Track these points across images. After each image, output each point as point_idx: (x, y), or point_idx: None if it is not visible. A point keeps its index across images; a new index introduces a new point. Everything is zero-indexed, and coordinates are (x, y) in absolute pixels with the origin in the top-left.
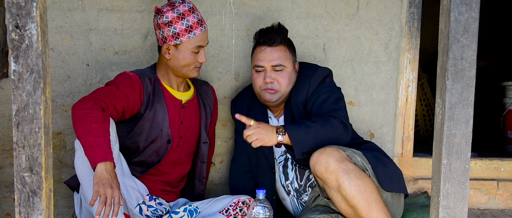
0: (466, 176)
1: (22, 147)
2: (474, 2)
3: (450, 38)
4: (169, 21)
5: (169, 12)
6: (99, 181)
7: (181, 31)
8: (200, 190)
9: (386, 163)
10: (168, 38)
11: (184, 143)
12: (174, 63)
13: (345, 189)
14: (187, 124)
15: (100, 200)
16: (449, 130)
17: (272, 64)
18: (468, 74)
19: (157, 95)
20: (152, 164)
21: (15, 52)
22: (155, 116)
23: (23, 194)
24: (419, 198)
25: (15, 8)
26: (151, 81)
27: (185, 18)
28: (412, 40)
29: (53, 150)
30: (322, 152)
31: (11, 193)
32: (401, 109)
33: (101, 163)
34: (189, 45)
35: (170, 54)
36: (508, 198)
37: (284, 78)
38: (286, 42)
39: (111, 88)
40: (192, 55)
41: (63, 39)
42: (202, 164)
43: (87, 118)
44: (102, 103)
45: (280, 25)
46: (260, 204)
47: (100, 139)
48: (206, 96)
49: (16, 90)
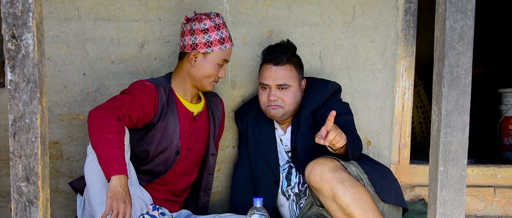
0: (463, 183)
1: (18, 157)
2: (469, 10)
3: (446, 46)
4: (206, 29)
5: (207, 20)
6: (113, 195)
7: (214, 40)
8: (204, 202)
9: (385, 174)
10: (200, 45)
11: (192, 154)
12: (197, 72)
13: (340, 197)
14: (196, 136)
15: (113, 214)
16: (446, 137)
17: (277, 83)
18: (464, 81)
19: (171, 106)
20: (159, 173)
21: (11, 62)
22: (167, 127)
23: (19, 204)
24: (416, 205)
25: (12, 18)
26: (165, 92)
27: (220, 29)
28: (408, 47)
29: (50, 160)
30: (316, 162)
31: (8, 203)
32: (398, 116)
33: (115, 176)
34: (218, 56)
35: (196, 61)
36: (505, 205)
37: (288, 97)
38: (293, 61)
39: (128, 97)
40: (217, 67)
41: (60, 48)
42: (209, 176)
43: (104, 127)
44: (119, 112)
45: (289, 42)
46: (257, 212)
47: (116, 151)
48: (215, 109)
49: (13, 100)
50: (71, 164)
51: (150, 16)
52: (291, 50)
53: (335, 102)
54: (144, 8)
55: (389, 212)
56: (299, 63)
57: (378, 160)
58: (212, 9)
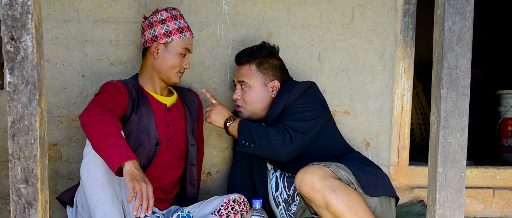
0: (462, 184)
1: (17, 159)
2: (468, 12)
3: (445, 48)
4: (163, 19)
5: (163, 12)
6: (132, 178)
7: (173, 29)
8: (192, 194)
9: (367, 170)
10: (159, 36)
11: (173, 146)
12: (161, 63)
13: (333, 206)
14: (174, 127)
15: (138, 195)
16: (445, 139)
17: (238, 79)
18: (463, 83)
19: (142, 100)
20: (143, 167)
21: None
22: (141, 119)
23: (18, 206)
24: (416, 206)
25: (10, 20)
26: (135, 88)
27: (178, 20)
28: (406, 49)
29: (49, 161)
30: (306, 171)
31: (7, 204)
32: (397, 117)
33: (128, 161)
34: (179, 45)
35: (158, 53)
36: (504, 206)
37: (248, 96)
38: (257, 61)
39: (106, 95)
40: (179, 57)
41: (59, 50)
42: (192, 167)
43: (102, 122)
44: (107, 109)
45: (261, 44)
46: (256, 214)
47: (121, 140)
48: (190, 101)
49: (12, 102)
50: (70, 166)
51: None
52: (258, 52)
53: (299, 104)
54: (143, 10)
55: (381, 210)
56: (268, 64)
57: (377, 161)
58: (211, 11)
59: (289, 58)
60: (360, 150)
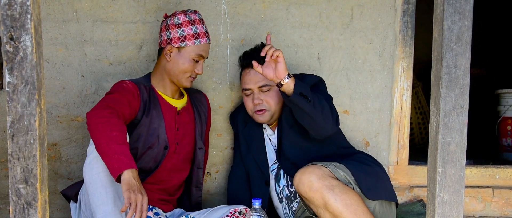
0: (461, 183)
1: (17, 159)
2: (467, 11)
3: (444, 47)
4: (179, 23)
5: (181, 16)
6: (129, 188)
7: (188, 35)
8: (197, 197)
9: (370, 172)
10: (174, 39)
11: (181, 149)
12: (173, 67)
13: (332, 205)
14: (183, 131)
15: (132, 206)
16: (444, 138)
17: (258, 85)
18: (462, 82)
19: (153, 102)
20: (150, 170)
21: (9, 64)
22: (152, 122)
23: (18, 206)
24: (415, 206)
25: (10, 20)
26: (146, 89)
27: (195, 25)
28: (406, 48)
29: (48, 161)
30: (304, 171)
31: (6, 205)
32: (396, 117)
33: (128, 170)
34: (192, 51)
35: (171, 56)
36: (503, 206)
37: (272, 98)
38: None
39: (116, 95)
40: (192, 63)
41: (58, 50)
42: (199, 170)
43: (107, 125)
44: (116, 111)
45: (263, 44)
46: (256, 213)
47: (123, 147)
48: (199, 104)
49: (11, 102)
50: (69, 166)
51: (148, 17)
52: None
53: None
54: (142, 10)
55: (381, 210)
56: None
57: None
58: (210, 10)
59: (289, 58)
60: (360, 149)
